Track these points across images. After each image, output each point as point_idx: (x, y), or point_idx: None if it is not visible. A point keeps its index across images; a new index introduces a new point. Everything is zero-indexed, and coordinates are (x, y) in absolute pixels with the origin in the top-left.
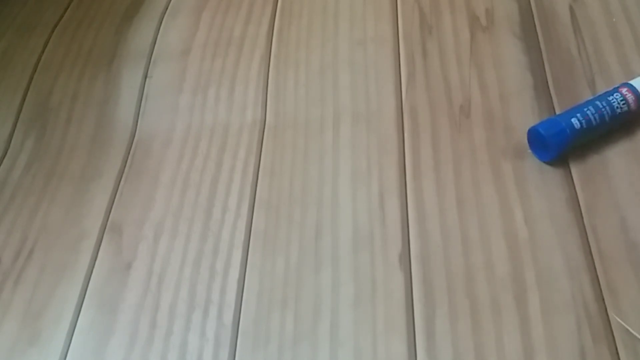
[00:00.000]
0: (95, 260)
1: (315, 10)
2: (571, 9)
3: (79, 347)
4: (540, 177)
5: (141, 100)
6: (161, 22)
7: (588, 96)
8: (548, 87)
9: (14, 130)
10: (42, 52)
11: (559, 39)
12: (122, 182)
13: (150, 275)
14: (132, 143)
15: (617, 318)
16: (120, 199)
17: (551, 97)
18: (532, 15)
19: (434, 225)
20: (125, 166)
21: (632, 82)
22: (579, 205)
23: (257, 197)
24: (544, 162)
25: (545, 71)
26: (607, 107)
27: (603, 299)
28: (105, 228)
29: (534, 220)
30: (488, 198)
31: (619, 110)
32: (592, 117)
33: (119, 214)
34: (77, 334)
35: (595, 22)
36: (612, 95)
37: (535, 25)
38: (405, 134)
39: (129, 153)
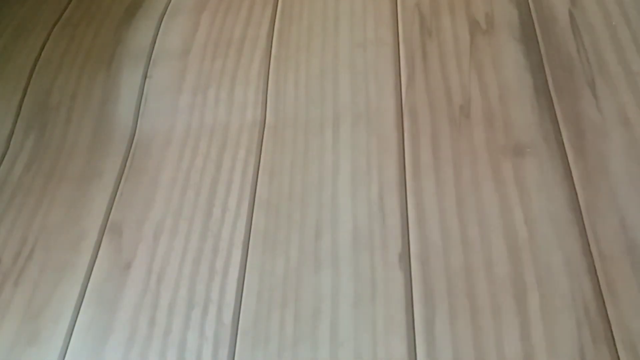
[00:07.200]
0: (95, 260)
1: (315, 13)
2: (570, 13)
3: (78, 345)
4: (540, 177)
5: (141, 100)
6: (161, 22)
7: (588, 96)
8: (548, 88)
9: (13, 130)
10: (41, 51)
11: (558, 42)
12: (122, 182)
13: (150, 274)
14: (132, 143)
15: None
16: (120, 199)
17: (551, 97)
18: (532, 20)
19: (434, 225)
20: (125, 166)
21: None
22: (579, 205)
23: (257, 196)
24: None
25: (545, 72)
26: None
27: (603, 299)
28: (105, 228)
29: (534, 220)
30: (488, 198)
31: None
32: None
33: (119, 214)
34: (76, 332)
35: (594, 25)
36: None
37: (535, 30)
38: (405, 134)
39: (128, 153)
